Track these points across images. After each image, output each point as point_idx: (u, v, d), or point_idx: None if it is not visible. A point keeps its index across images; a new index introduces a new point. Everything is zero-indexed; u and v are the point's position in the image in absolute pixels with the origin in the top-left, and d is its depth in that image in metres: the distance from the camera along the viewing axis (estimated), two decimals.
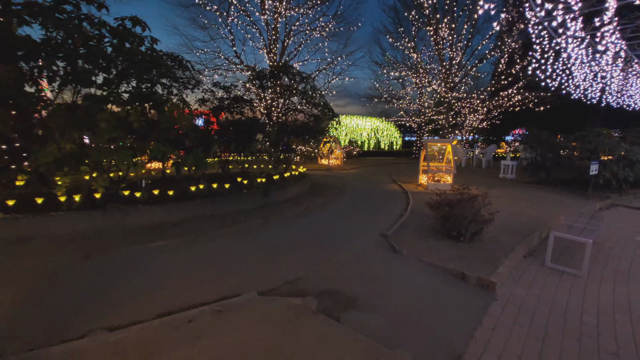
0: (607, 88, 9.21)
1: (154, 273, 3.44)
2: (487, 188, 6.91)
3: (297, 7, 14.36)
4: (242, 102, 7.62)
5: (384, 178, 11.36)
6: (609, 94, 9.71)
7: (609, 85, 8.88)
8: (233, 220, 5.37)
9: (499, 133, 32.28)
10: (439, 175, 9.07)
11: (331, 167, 13.80)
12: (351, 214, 6.19)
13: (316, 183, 9.39)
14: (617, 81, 8.06)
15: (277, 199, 6.83)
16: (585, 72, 7.12)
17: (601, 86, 8.87)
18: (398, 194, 8.28)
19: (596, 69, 7.31)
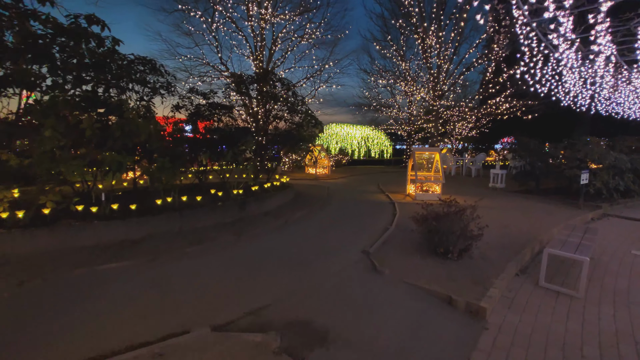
0: (596, 95, 9.11)
1: (94, 303, 2.97)
2: (477, 198, 6.61)
3: (283, 15, 14.15)
4: (220, 109, 7.23)
5: (372, 188, 11.02)
6: (598, 101, 9.62)
7: (599, 93, 8.76)
8: (203, 236, 4.92)
9: (489, 141, 32.58)
10: (427, 185, 8.77)
11: (318, 177, 13.43)
12: (333, 228, 5.79)
13: (300, 194, 8.98)
14: (608, 87, 7.92)
15: (256, 212, 6.40)
16: (575, 77, 6.95)
17: (591, 93, 8.75)
18: (385, 205, 7.92)
19: (585, 75, 7.16)
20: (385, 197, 9.14)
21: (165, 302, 3.05)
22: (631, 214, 7.99)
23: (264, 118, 7.22)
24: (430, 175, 9.23)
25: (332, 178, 13.41)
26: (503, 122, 16.68)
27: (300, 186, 10.68)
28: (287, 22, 14.64)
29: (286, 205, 7.33)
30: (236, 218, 5.92)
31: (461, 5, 13.29)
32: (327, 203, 8.02)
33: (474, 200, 7.02)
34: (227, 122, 7.85)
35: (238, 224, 5.67)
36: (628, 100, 9.31)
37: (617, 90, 8.16)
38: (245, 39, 14.58)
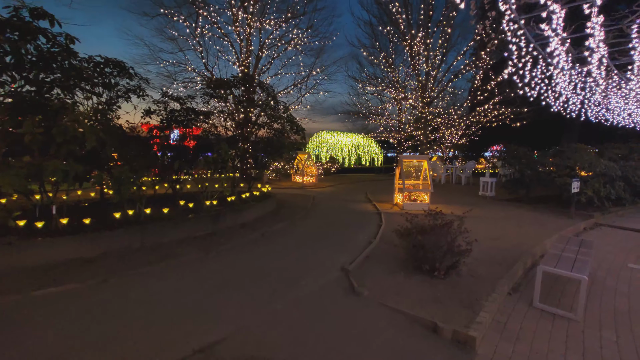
0: (586, 100, 8.96)
1: (17, 340, 2.49)
2: (467, 208, 6.30)
3: (269, 20, 13.91)
4: (197, 115, 6.82)
5: (359, 197, 10.66)
6: (588, 106, 9.48)
7: (589, 98, 8.60)
8: (167, 252, 4.45)
9: (478, 149, 32.76)
10: (415, 194, 8.44)
11: (305, 185, 13.03)
12: (313, 241, 5.38)
13: (283, 203, 8.56)
14: (599, 91, 7.75)
15: (231, 224, 5.95)
16: (565, 79, 6.74)
17: (581, 98, 8.60)
18: (370, 216, 7.55)
19: (576, 79, 6.96)
20: (372, 206, 8.78)
21: (100, 337, 2.59)
22: (624, 224, 7.76)
23: (242, 125, 6.83)
24: (419, 184, 8.92)
25: (319, 187, 13.03)
26: (492, 130, 16.62)
27: (284, 195, 10.26)
28: (274, 29, 14.40)
29: (266, 216, 6.90)
30: (208, 231, 5.46)
31: (447, 13, 13.25)
32: (310, 214, 7.61)
33: (463, 210, 6.68)
34: (207, 129, 7.45)
35: (209, 238, 5.22)
36: (618, 106, 9.20)
37: (607, 96, 8.03)
38: (231, 45, 14.27)
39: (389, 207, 8.71)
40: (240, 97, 6.44)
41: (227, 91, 6.54)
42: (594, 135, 17.60)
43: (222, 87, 6.35)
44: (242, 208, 6.43)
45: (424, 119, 13.76)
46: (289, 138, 7.27)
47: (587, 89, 7.47)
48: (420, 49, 13.31)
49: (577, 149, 10.16)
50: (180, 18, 12.81)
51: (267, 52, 14.79)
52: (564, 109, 9.01)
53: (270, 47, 14.75)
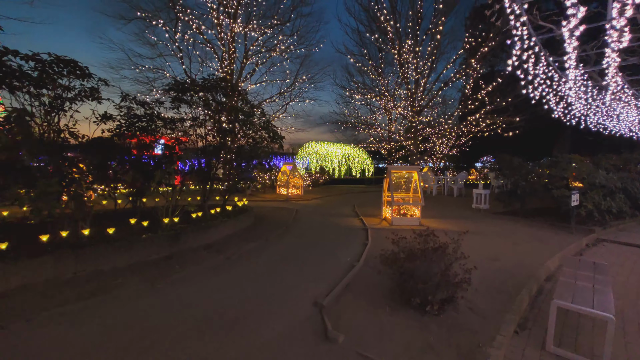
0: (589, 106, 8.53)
1: None
2: (461, 222, 5.69)
3: (251, 25, 13.41)
4: (162, 121, 6.11)
5: (346, 210, 9.98)
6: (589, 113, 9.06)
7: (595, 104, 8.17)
8: (103, 284, 3.66)
9: (469, 160, 32.51)
10: (405, 208, 7.80)
11: (290, 198, 12.31)
12: (286, 266, 4.64)
13: (261, 219, 7.82)
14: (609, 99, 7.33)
15: (194, 245, 5.18)
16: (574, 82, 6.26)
17: (584, 103, 8.17)
18: (356, 233, 6.85)
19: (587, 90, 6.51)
20: (358, 222, 8.09)
21: None
22: (628, 239, 7.23)
23: (212, 132, 6.14)
24: (409, 197, 8.29)
25: (305, 199, 12.31)
26: (482, 141, 16.27)
27: (265, 209, 9.52)
28: (259, 35, 13.90)
29: (238, 234, 6.14)
30: (164, 255, 4.69)
31: (436, 21, 12.96)
32: (290, 230, 6.88)
33: (457, 226, 6.06)
34: (175, 137, 6.74)
35: (163, 263, 4.44)
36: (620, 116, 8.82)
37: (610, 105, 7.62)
38: (214, 51, 13.71)
39: (377, 222, 8.04)
40: (207, 101, 5.75)
41: (194, 96, 5.85)
42: (585, 145, 17.40)
43: (187, 92, 5.66)
44: (210, 225, 5.67)
45: (414, 128, 13.28)
46: (266, 147, 6.60)
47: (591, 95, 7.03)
48: (410, 56, 12.93)
49: (571, 159, 9.73)
50: (159, 22, 12.20)
51: (252, 59, 14.26)
52: (564, 115, 8.58)
53: (255, 54, 14.24)
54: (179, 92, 5.48)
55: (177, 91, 5.54)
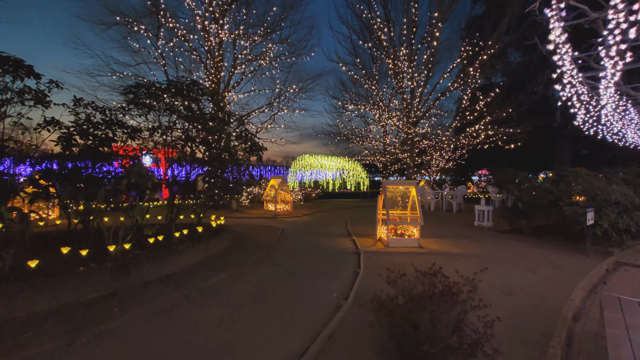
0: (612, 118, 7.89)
1: None
2: (464, 244, 4.88)
3: (239, 31, 12.83)
4: (122, 129, 5.30)
5: (337, 229, 9.12)
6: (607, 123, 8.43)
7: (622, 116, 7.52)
8: (2, 342, 2.75)
9: (465, 173, 31.97)
10: (402, 228, 6.98)
11: (278, 214, 11.43)
12: (257, 307, 3.74)
13: (240, 240, 6.93)
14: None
15: (149, 277, 4.28)
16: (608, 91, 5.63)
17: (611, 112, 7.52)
18: (347, 257, 5.98)
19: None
20: (350, 243, 7.23)
21: None
22: None
23: (171, 142, 5.34)
24: (406, 215, 7.48)
25: (295, 215, 11.44)
26: (478, 154, 15.68)
27: (247, 228, 8.63)
28: (248, 43, 13.32)
29: (208, 262, 5.24)
30: (105, 292, 3.78)
31: (431, 30, 12.49)
32: (271, 255, 5.99)
33: (461, 247, 5.22)
34: (142, 147, 5.92)
35: (101, 304, 3.53)
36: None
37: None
38: (200, 59, 13.05)
39: (370, 243, 7.19)
40: (173, 106, 4.95)
41: (161, 99, 5.07)
42: (587, 159, 16.86)
43: (150, 96, 4.87)
44: (174, 251, 4.78)
45: (410, 140, 12.61)
46: (244, 160, 5.79)
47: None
48: (405, 65, 12.40)
49: (577, 173, 9.07)
50: (140, 28, 11.55)
51: (240, 68, 13.62)
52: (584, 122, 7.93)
53: (243, 63, 13.61)
54: (135, 94, 4.69)
55: (134, 93, 4.74)
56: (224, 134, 5.05)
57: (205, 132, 5.02)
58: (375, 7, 12.50)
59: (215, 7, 12.04)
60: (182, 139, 5.24)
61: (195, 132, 5.19)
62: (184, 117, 5.25)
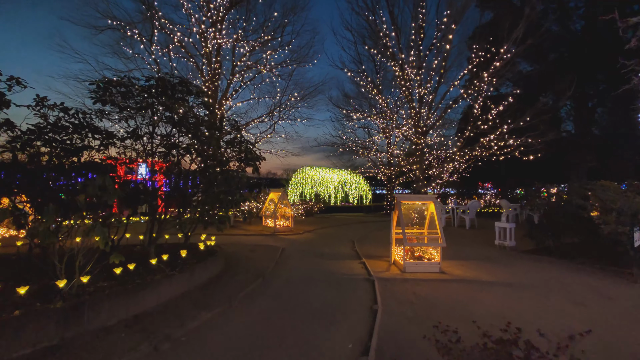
0: None
1: None
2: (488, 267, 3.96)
3: (238, 36, 12.21)
4: (94, 134, 4.47)
5: (343, 248, 8.17)
6: None
7: None
8: None
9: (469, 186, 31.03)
10: (421, 250, 6.05)
11: (278, 231, 10.49)
12: None
13: (233, 264, 5.99)
14: None
15: (110, 320, 3.34)
16: None
17: None
18: (359, 287, 5.04)
19: None
20: (360, 266, 6.28)
21: None
22: None
23: (151, 149, 4.49)
24: (423, 234, 6.57)
25: (296, 232, 10.49)
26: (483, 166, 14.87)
27: (242, 248, 7.69)
28: (247, 51, 12.70)
29: (190, 294, 4.30)
30: (47, 344, 2.84)
31: (441, 35, 11.87)
32: (267, 285, 5.04)
33: (490, 274, 4.28)
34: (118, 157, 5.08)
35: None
36: None
37: None
38: (197, 66, 12.39)
39: (383, 267, 6.24)
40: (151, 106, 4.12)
41: (130, 100, 4.24)
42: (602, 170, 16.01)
43: (126, 97, 4.05)
44: (146, 284, 3.85)
45: (419, 151, 11.80)
46: (234, 173, 4.91)
47: None
48: (413, 72, 11.71)
49: (605, 186, 8.22)
50: (134, 33, 10.92)
51: (238, 76, 12.94)
52: None
53: (242, 70, 12.95)
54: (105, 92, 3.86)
55: (104, 90, 3.92)
56: (213, 139, 4.21)
57: (190, 138, 4.18)
58: (381, 13, 11.93)
59: (213, 11, 11.47)
60: (165, 146, 4.40)
61: (179, 137, 4.37)
62: (166, 120, 4.42)
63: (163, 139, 4.44)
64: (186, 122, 4.08)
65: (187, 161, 4.93)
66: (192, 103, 4.77)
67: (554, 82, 14.01)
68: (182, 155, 4.43)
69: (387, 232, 11.58)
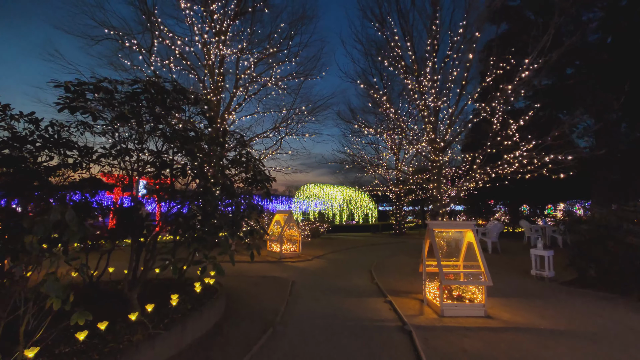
0: None
1: None
2: (546, 311, 2.97)
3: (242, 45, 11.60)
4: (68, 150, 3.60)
5: (361, 281, 7.13)
6: None
7: None
8: None
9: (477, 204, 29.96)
10: (460, 289, 5.05)
11: (284, 256, 9.48)
12: None
13: (234, 307, 4.98)
14: None
15: None
16: None
17: None
18: (393, 342, 4.02)
19: None
20: (387, 308, 5.26)
21: None
22: None
23: (133, 166, 3.63)
24: (458, 267, 5.59)
25: (304, 258, 9.47)
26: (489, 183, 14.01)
27: (245, 281, 6.69)
28: (251, 64, 12.06)
29: (180, 357, 3.29)
30: None
31: (456, 47, 11.23)
32: (278, 338, 4.02)
33: (545, 319, 3.28)
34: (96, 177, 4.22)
35: None
36: None
37: None
38: (199, 79, 11.73)
39: (415, 307, 5.22)
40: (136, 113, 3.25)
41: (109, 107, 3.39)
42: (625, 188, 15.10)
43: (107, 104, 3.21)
44: (117, 352, 2.86)
45: (437, 168, 10.91)
46: (244, 191, 4.03)
47: None
48: (428, 84, 10.99)
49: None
50: (133, 43, 10.29)
51: (242, 89, 12.26)
52: None
53: (246, 84, 12.28)
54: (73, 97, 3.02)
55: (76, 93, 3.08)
56: (214, 157, 3.33)
57: (185, 155, 3.32)
58: (392, 25, 11.36)
59: (217, 22, 10.90)
60: (155, 165, 3.54)
61: (173, 154, 3.52)
62: (159, 133, 3.56)
63: (153, 156, 3.58)
64: (180, 136, 3.22)
65: (182, 182, 4.04)
66: (190, 114, 3.94)
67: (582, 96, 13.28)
68: (176, 177, 3.55)
69: (403, 257, 10.62)
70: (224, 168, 3.68)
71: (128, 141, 3.52)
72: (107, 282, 4.94)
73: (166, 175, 3.61)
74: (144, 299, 3.90)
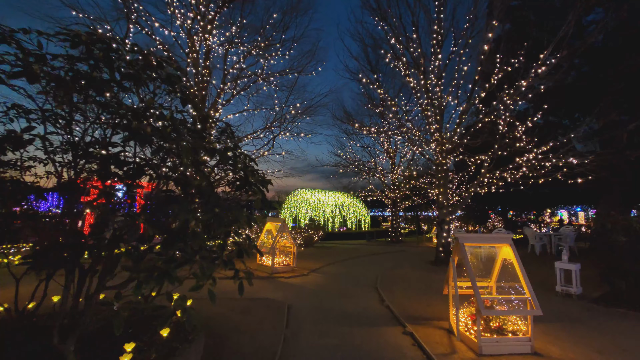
0: None
1: None
2: (595, 342, 2.01)
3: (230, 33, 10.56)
4: None
5: (369, 302, 6.09)
6: None
7: None
8: None
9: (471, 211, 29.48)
10: (499, 319, 4.07)
11: (277, 271, 8.35)
12: None
13: (216, 350, 3.86)
14: None
15: None
16: None
17: None
18: None
19: None
20: (408, 342, 4.23)
21: None
22: None
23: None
24: (489, 289, 4.64)
25: (299, 273, 8.36)
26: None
27: (231, 306, 5.52)
28: (242, 57, 11.01)
29: None
30: None
31: (462, 42, 10.49)
32: None
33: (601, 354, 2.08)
34: None
35: None
36: None
37: None
38: (181, 72, 10.57)
39: (443, 342, 4.20)
40: None
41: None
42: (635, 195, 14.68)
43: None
44: None
45: (443, 172, 10.04)
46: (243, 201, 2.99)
47: None
48: (433, 82, 10.17)
49: None
50: (106, 29, 9.09)
51: (230, 84, 11.18)
52: None
53: (234, 79, 11.20)
54: None
55: None
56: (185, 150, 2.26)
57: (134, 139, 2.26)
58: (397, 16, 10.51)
59: (203, 10, 9.84)
60: (97, 160, 2.45)
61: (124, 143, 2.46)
62: (108, 115, 2.47)
63: (93, 147, 2.49)
64: (125, 110, 2.17)
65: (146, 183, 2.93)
66: (156, 88, 2.89)
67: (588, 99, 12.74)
68: (133, 177, 2.46)
69: (408, 270, 9.60)
70: (200, 163, 2.61)
71: (47, 121, 2.41)
72: (46, 315, 3.74)
73: (118, 174, 2.52)
74: (86, 349, 2.76)
